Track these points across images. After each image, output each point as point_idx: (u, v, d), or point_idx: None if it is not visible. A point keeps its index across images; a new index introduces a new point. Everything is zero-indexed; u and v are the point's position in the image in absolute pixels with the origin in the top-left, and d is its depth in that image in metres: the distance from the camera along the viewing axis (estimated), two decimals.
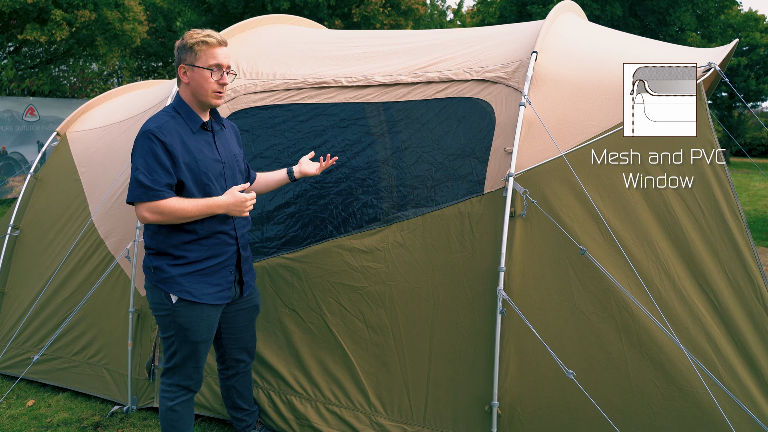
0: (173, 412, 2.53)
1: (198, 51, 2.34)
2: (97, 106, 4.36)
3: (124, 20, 12.34)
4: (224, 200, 2.37)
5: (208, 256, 2.42)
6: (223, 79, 2.38)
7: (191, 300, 2.39)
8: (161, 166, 2.27)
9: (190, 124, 2.41)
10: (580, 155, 2.55)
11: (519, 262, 2.56)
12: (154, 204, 2.27)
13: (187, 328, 2.42)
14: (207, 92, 2.37)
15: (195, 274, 2.40)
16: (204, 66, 2.34)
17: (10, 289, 3.90)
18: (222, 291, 2.48)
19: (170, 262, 2.39)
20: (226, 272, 2.49)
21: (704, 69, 2.53)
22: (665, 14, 16.76)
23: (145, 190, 2.26)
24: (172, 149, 2.30)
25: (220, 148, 2.49)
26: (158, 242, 2.40)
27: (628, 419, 2.44)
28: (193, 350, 2.47)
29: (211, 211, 2.35)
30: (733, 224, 2.44)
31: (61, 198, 3.80)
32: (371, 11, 14.83)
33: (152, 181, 2.26)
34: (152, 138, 2.28)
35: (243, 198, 2.38)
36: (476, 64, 2.91)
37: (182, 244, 2.38)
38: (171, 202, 2.28)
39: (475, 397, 2.63)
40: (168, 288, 2.39)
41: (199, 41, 2.33)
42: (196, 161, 2.36)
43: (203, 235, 2.40)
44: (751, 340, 2.40)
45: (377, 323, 2.82)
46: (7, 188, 10.96)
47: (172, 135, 2.32)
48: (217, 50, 2.35)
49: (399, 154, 2.90)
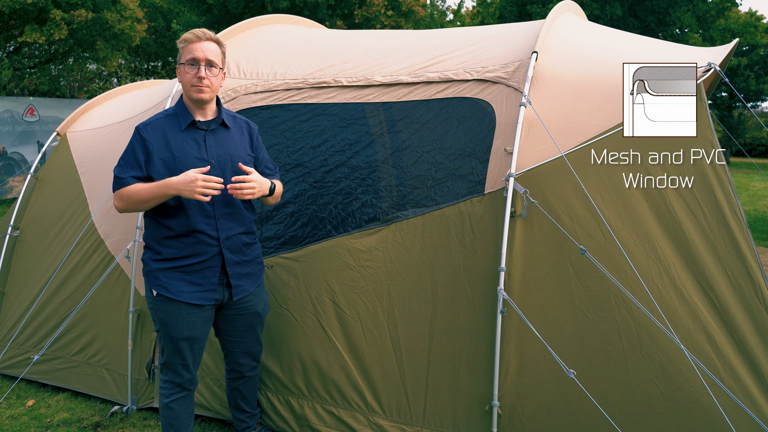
0: (169, 409, 2.55)
1: (181, 49, 2.45)
2: (97, 106, 4.36)
3: (122, 19, 12.33)
4: (174, 180, 2.32)
5: (185, 255, 2.43)
6: (199, 72, 2.39)
7: (167, 296, 2.43)
8: (135, 160, 2.40)
9: (181, 122, 2.46)
10: (580, 155, 2.55)
11: (519, 262, 2.56)
12: (119, 192, 2.40)
13: (167, 323, 2.47)
14: (188, 87, 2.43)
15: (173, 270, 2.44)
16: (183, 62, 2.43)
17: (10, 289, 3.90)
18: (204, 291, 2.47)
19: (153, 256, 2.48)
20: (208, 273, 2.47)
21: (704, 69, 2.53)
22: (665, 14, 16.75)
23: (116, 180, 2.41)
24: (149, 145, 2.40)
25: (212, 147, 2.47)
26: (146, 236, 2.51)
27: (628, 419, 2.44)
28: (175, 347, 2.49)
29: (162, 192, 2.33)
30: (734, 224, 2.44)
31: (61, 198, 3.80)
32: (373, 12, 14.83)
33: (122, 171, 2.40)
34: (136, 133, 2.43)
35: (193, 177, 2.28)
36: (476, 64, 2.91)
37: (161, 239, 2.44)
38: (131, 188, 2.38)
39: (475, 396, 2.63)
40: (149, 282, 2.48)
41: (182, 39, 2.44)
42: (174, 158, 2.40)
43: (179, 232, 2.42)
44: (751, 340, 2.40)
45: (374, 323, 2.81)
46: (7, 188, 10.95)
47: (156, 132, 2.42)
48: (195, 45, 2.41)
49: (399, 154, 2.90)
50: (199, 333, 2.50)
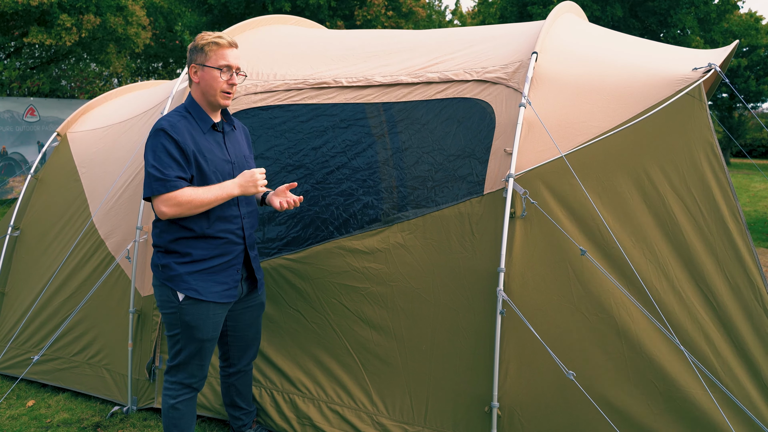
0: (175, 410, 2.55)
1: (208, 51, 2.40)
2: (97, 107, 4.36)
3: (128, 24, 12.35)
4: (236, 180, 2.40)
5: (214, 255, 2.44)
6: (233, 79, 2.44)
7: (198, 298, 2.42)
8: (174, 161, 2.31)
9: (201, 125, 2.45)
10: (580, 156, 2.55)
11: (519, 263, 2.56)
12: (171, 195, 2.28)
13: (194, 326, 2.45)
14: (216, 92, 2.42)
15: (202, 272, 2.43)
16: (214, 66, 2.40)
17: (11, 289, 3.91)
18: (228, 290, 2.50)
19: (177, 260, 2.42)
20: (232, 271, 2.51)
21: (704, 70, 2.53)
22: (666, 16, 16.74)
23: (162, 182, 2.29)
24: (184, 146, 2.34)
25: (230, 148, 2.53)
26: (165, 240, 2.43)
27: (627, 420, 2.44)
28: (199, 348, 2.49)
29: (226, 193, 2.37)
30: (733, 226, 2.44)
31: (62, 198, 3.80)
32: (374, 13, 14.84)
33: (166, 174, 2.29)
34: (164, 135, 2.32)
35: (252, 173, 2.40)
36: (476, 65, 2.91)
37: (188, 241, 2.41)
38: (186, 192, 2.31)
39: (475, 397, 2.63)
40: (175, 286, 2.42)
41: (209, 42, 2.40)
42: (206, 161, 2.40)
43: (210, 234, 2.42)
44: (749, 342, 2.40)
45: (379, 324, 2.82)
46: (8, 189, 10.97)
47: (184, 134, 2.37)
48: (227, 51, 2.41)
49: (399, 155, 2.90)
50: (219, 332, 2.55)
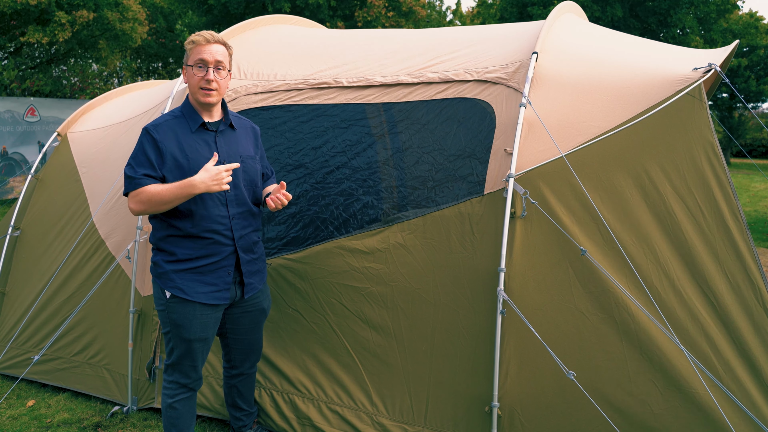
0: (173, 409, 2.55)
1: (188, 50, 2.45)
2: (97, 107, 4.36)
3: (124, 20, 12.34)
4: (197, 178, 2.28)
5: (200, 255, 2.43)
6: (207, 74, 2.40)
7: (183, 297, 2.42)
8: (147, 159, 2.37)
9: (190, 124, 2.46)
10: (580, 156, 2.55)
11: (519, 263, 2.56)
12: (136, 192, 2.35)
13: (180, 325, 2.45)
14: (195, 89, 2.44)
15: (188, 271, 2.43)
16: (191, 63, 2.42)
17: (11, 289, 3.91)
18: (218, 291, 2.48)
19: (165, 258, 2.46)
20: (222, 273, 2.48)
21: (704, 70, 2.53)
22: (666, 16, 16.74)
23: (130, 179, 2.36)
24: (161, 146, 2.38)
25: (222, 148, 2.51)
26: (156, 238, 2.49)
27: (628, 420, 2.44)
28: (188, 348, 2.49)
29: (186, 192, 2.29)
30: (733, 225, 2.44)
31: (62, 198, 3.80)
32: (374, 14, 14.83)
33: (134, 171, 2.36)
34: (145, 134, 2.42)
35: (216, 169, 2.29)
36: (477, 65, 2.91)
37: (174, 240, 2.43)
38: (149, 189, 2.33)
39: (475, 397, 2.63)
40: (162, 283, 2.45)
41: (190, 41, 2.44)
42: (188, 159, 2.40)
43: (195, 234, 2.41)
44: (750, 341, 2.40)
45: (380, 324, 2.82)
46: (8, 188, 10.97)
47: (166, 133, 2.40)
48: (204, 47, 2.41)
49: (399, 155, 2.90)
50: (210, 333, 2.53)
